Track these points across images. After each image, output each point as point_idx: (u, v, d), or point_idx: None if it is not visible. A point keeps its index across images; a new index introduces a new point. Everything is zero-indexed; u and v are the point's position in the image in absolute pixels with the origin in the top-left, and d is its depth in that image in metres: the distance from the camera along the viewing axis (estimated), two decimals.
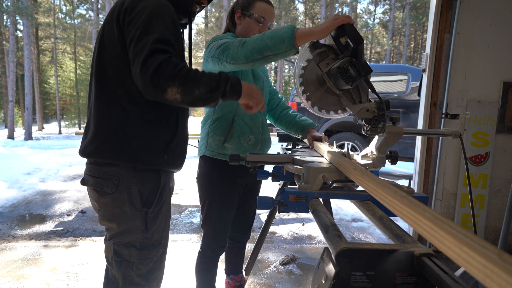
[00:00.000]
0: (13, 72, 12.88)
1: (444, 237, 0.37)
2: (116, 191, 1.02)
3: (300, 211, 0.90)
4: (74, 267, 2.25)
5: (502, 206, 2.54)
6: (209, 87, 0.93)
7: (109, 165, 1.02)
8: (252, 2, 1.41)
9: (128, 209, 1.03)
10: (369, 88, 1.03)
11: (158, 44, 0.90)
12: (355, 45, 0.96)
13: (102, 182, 1.02)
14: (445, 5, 2.40)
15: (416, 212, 0.44)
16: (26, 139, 12.38)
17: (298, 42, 1.04)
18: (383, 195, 0.56)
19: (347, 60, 0.96)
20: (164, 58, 0.89)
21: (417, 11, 21.87)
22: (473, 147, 2.52)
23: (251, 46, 1.10)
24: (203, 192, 1.47)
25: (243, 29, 1.43)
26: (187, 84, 0.90)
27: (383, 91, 5.47)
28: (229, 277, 1.77)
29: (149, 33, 0.92)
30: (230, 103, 1.39)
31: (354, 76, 0.96)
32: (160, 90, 0.89)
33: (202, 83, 0.93)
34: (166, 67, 0.88)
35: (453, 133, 1.19)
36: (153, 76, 0.87)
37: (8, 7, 13.00)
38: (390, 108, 1.03)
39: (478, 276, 0.30)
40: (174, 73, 0.89)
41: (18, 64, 18.64)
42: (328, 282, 0.55)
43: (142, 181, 1.03)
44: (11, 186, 4.53)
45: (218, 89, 0.95)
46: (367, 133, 1.03)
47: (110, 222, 1.06)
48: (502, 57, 2.45)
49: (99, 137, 1.01)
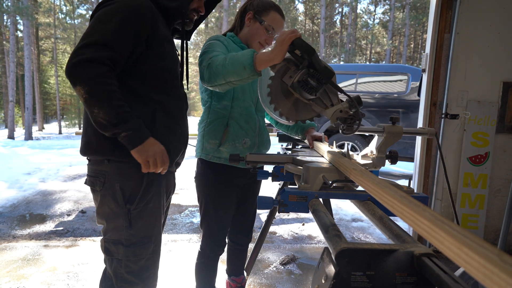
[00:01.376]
0: (14, 72, 12.88)
1: (444, 237, 0.37)
2: (103, 189, 1.06)
3: (300, 211, 0.90)
4: (74, 267, 2.25)
5: (502, 206, 2.54)
6: (108, 117, 0.94)
7: (99, 163, 1.06)
8: (268, 9, 1.40)
9: (113, 206, 1.06)
10: (337, 90, 1.03)
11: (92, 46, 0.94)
12: (308, 57, 0.97)
13: (93, 180, 1.08)
14: (445, 5, 2.40)
15: (416, 212, 0.44)
16: (26, 139, 12.38)
17: (259, 68, 1.05)
18: (383, 195, 0.56)
19: (305, 72, 0.97)
20: (90, 58, 0.92)
21: (417, 11, 21.87)
22: (473, 147, 2.52)
23: (214, 71, 1.12)
24: (200, 193, 1.48)
25: (250, 32, 1.42)
26: (92, 96, 0.93)
27: (383, 91, 5.47)
28: (230, 278, 1.77)
29: (90, 34, 0.95)
30: (224, 106, 1.39)
31: (315, 86, 0.97)
32: (72, 81, 0.93)
33: (105, 108, 0.94)
34: (87, 67, 0.92)
35: (429, 132, 1.20)
36: (72, 67, 0.92)
37: (9, 7, 13.00)
38: (362, 103, 1.03)
39: (478, 276, 0.30)
40: (89, 77, 0.92)
41: (18, 64, 18.65)
42: (328, 282, 0.55)
43: (124, 177, 1.06)
44: (11, 186, 4.53)
45: (114, 128, 0.95)
46: (344, 132, 1.03)
47: (101, 219, 1.10)
48: (502, 57, 2.45)
49: (85, 135, 1.07)
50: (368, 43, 26.13)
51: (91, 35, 0.95)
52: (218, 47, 1.28)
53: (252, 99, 1.45)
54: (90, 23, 1.00)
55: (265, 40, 1.42)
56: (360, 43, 27.09)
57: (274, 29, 1.40)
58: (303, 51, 0.97)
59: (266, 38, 1.41)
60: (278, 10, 1.42)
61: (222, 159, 1.41)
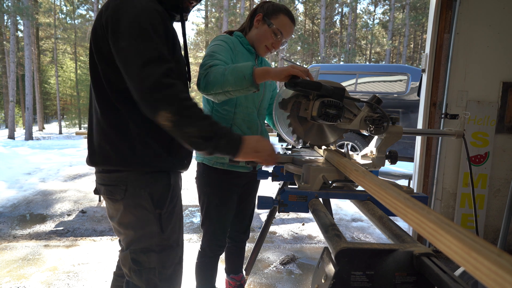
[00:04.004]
0: (14, 72, 12.89)
1: (450, 240, 0.36)
2: (126, 197, 0.98)
3: (300, 211, 0.90)
4: (75, 266, 2.25)
5: (502, 206, 2.54)
6: (203, 132, 0.87)
7: (117, 171, 0.99)
8: (278, 12, 1.36)
9: (141, 213, 1.00)
10: (353, 101, 1.04)
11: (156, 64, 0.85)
12: (318, 91, 0.96)
13: (112, 189, 1.00)
14: (445, 5, 2.41)
15: (420, 215, 0.44)
16: (26, 139, 12.38)
17: (257, 80, 1.06)
18: (386, 197, 0.56)
19: (320, 105, 0.96)
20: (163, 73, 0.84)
21: (417, 11, 21.86)
22: (473, 147, 2.52)
23: (212, 80, 1.11)
24: (201, 192, 1.48)
25: (258, 35, 1.38)
26: (182, 116, 0.85)
27: (383, 91, 5.47)
28: (229, 276, 1.77)
29: (141, 51, 0.86)
30: (227, 111, 1.38)
31: (336, 114, 0.96)
32: (153, 108, 0.84)
33: (197, 122, 0.86)
34: (167, 87, 0.84)
35: (456, 133, 1.19)
36: (151, 91, 0.83)
37: (9, 8, 13.01)
38: (381, 102, 1.03)
39: (478, 276, 0.30)
40: (171, 95, 0.84)
41: (18, 64, 18.65)
42: (328, 281, 0.56)
43: (151, 182, 1.00)
44: (12, 186, 4.53)
45: (210, 141, 0.88)
46: (371, 133, 1.03)
47: (127, 229, 1.02)
48: (502, 57, 2.45)
49: (105, 146, 0.98)
50: (368, 43, 26.10)
51: (142, 52, 0.85)
52: (223, 51, 1.27)
53: (255, 105, 1.44)
54: (120, 36, 0.87)
55: (272, 44, 1.38)
56: (360, 43, 27.08)
57: (282, 34, 1.36)
58: (311, 89, 0.97)
59: (273, 42, 1.38)
60: (288, 14, 1.38)
61: (225, 164, 1.41)
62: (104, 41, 0.92)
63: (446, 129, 1.23)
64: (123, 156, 0.97)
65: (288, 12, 1.38)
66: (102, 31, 0.91)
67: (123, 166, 0.97)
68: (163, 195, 1.02)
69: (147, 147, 0.98)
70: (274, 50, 1.41)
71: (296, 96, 1.03)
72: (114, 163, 0.98)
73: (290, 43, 22.47)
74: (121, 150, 0.97)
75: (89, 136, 1.03)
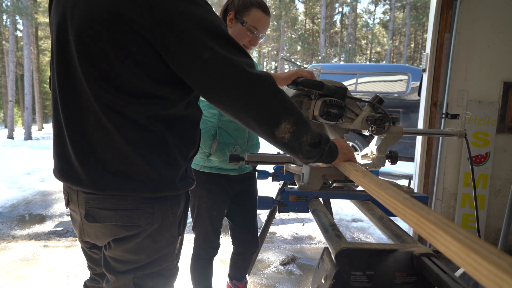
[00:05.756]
0: (13, 72, 12.88)
1: (449, 240, 0.35)
2: (152, 221, 0.81)
3: (300, 211, 0.90)
4: (74, 267, 2.25)
5: (503, 206, 2.54)
6: (313, 139, 0.78)
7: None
8: (249, 7, 1.27)
9: (166, 238, 0.85)
10: (355, 100, 1.03)
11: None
12: (320, 90, 0.96)
13: (131, 214, 0.79)
14: (445, 5, 2.40)
15: (419, 215, 0.43)
16: (25, 139, 12.37)
17: None
18: (385, 197, 0.56)
19: (323, 105, 0.95)
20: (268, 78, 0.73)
21: (417, 11, 21.87)
22: (474, 147, 2.51)
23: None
24: (192, 195, 1.43)
25: (234, 35, 1.29)
26: (299, 124, 0.75)
27: (384, 91, 5.47)
28: (232, 282, 1.74)
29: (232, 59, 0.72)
30: (212, 114, 1.34)
31: (338, 113, 0.96)
32: (277, 120, 0.73)
33: (309, 128, 0.77)
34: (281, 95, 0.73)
35: (458, 133, 1.18)
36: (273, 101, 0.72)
37: (8, 7, 13.00)
38: (383, 101, 1.03)
39: (477, 277, 0.30)
40: (286, 101, 0.74)
41: (17, 64, 18.63)
42: (328, 281, 0.55)
43: (175, 204, 0.85)
44: (11, 186, 4.53)
45: (319, 147, 0.80)
46: (373, 133, 1.02)
47: (136, 255, 0.84)
48: (503, 57, 2.45)
49: (116, 168, 0.76)
50: (368, 43, 26.12)
51: (232, 59, 0.72)
52: None
53: None
54: (195, 41, 0.70)
55: (249, 41, 1.31)
56: (360, 43, 27.09)
57: (257, 29, 1.28)
58: (313, 88, 0.96)
59: (250, 40, 1.30)
60: (260, 6, 1.28)
61: (213, 168, 1.38)
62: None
63: (448, 129, 1.23)
64: (151, 179, 0.78)
65: (260, 4, 1.29)
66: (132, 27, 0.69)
67: (152, 192, 0.79)
68: (183, 216, 0.91)
69: (176, 166, 0.82)
70: (253, 47, 1.35)
71: (297, 96, 1.03)
72: (142, 190, 0.77)
73: (290, 42, 22.47)
74: (146, 172, 0.77)
75: (81, 153, 0.78)
